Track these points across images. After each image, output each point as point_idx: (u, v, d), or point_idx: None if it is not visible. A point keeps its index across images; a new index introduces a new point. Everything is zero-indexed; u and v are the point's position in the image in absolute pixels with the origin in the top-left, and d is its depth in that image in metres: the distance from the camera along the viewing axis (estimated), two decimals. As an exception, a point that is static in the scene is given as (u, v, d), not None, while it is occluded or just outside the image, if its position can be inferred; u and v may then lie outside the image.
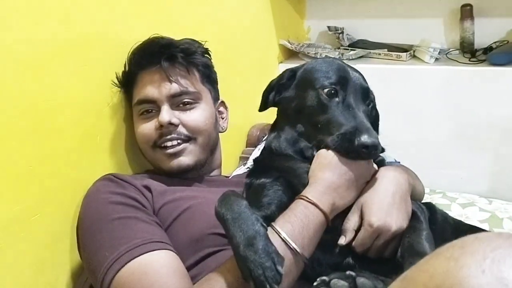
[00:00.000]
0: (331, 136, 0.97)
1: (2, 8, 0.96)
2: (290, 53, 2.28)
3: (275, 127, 1.13)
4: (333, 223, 0.95)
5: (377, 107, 1.16)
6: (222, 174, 1.37)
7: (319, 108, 1.01)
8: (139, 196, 1.06)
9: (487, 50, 1.92)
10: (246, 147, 1.85)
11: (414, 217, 0.99)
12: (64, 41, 1.10)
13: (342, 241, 0.96)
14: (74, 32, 1.13)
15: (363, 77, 1.09)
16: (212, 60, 1.33)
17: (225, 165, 1.44)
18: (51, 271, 1.09)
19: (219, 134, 1.34)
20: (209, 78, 1.30)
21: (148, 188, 1.10)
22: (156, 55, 1.19)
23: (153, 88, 1.18)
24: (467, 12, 1.95)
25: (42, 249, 1.06)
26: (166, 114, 1.17)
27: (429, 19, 2.08)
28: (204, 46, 1.31)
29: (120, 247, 0.93)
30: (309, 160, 1.00)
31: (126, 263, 0.90)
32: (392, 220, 0.95)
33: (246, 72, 1.92)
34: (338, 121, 0.98)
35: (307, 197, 0.93)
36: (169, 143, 1.18)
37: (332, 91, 1.01)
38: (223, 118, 1.37)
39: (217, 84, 1.34)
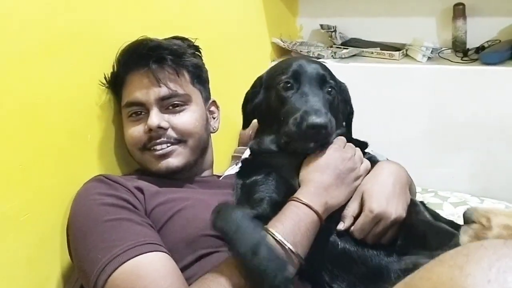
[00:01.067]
0: (287, 125, 1.03)
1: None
2: (282, 51, 2.27)
3: (257, 133, 1.20)
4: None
5: (370, 106, 1.19)
6: (214, 173, 1.36)
7: (280, 103, 1.09)
8: (131, 197, 1.05)
9: (479, 49, 1.93)
10: (238, 146, 1.84)
11: (412, 203, 1.05)
12: (54, 39, 1.08)
13: (341, 226, 1.01)
14: (64, 30, 1.11)
15: (323, 66, 1.15)
16: (202, 59, 1.31)
17: (217, 164, 1.43)
18: (41, 270, 1.07)
19: (211, 134, 1.32)
20: (200, 78, 1.28)
21: (140, 189, 1.09)
22: (144, 57, 1.17)
23: (141, 91, 1.17)
24: (459, 11, 1.95)
25: (32, 248, 1.04)
26: (155, 117, 1.15)
27: (422, 18, 2.08)
28: (195, 44, 1.29)
29: (113, 249, 0.91)
30: (293, 153, 1.06)
31: (119, 266, 0.89)
32: (392, 208, 0.99)
33: (238, 70, 1.91)
34: (292, 109, 1.05)
35: (298, 199, 0.96)
36: (158, 147, 1.16)
37: (288, 84, 1.09)
38: (214, 118, 1.35)
39: (208, 83, 1.33)
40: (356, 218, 1.01)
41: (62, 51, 1.10)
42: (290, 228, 0.90)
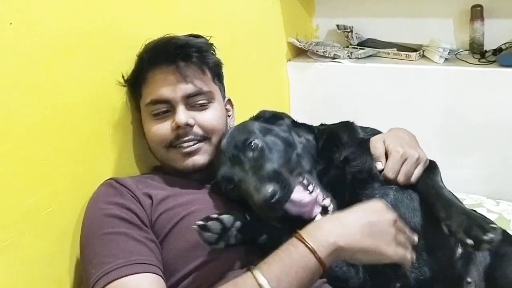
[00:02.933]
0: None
1: (15, 7, 0.97)
2: (298, 51, 2.28)
3: None
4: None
5: (386, 106, 1.22)
6: None
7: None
8: (135, 206, 1.05)
9: (497, 51, 1.91)
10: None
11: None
12: (76, 38, 1.11)
13: (380, 166, 1.10)
14: (86, 28, 1.13)
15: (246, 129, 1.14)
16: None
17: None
18: (61, 265, 1.10)
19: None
20: (219, 76, 1.29)
21: (149, 195, 1.09)
22: (172, 54, 1.17)
23: (168, 88, 1.16)
24: (477, 13, 1.94)
25: (53, 242, 1.07)
26: (183, 115, 1.15)
27: (439, 19, 2.07)
28: (210, 42, 1.29)
29: (104, 266, 0.94)
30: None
31: (108, 283, 0.91)
32: (414, 150, 1.11)
33: (254, 70, 1.92)
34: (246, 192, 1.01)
35: (300, 236, 0.87)
36: (185, 144, 1.16)
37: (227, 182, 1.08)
38: (229, 116, 1.35)
39: (223, 81, 1.34)
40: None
41: (83, 50, 1.12)
42: (277, 272, 0.84)
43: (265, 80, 2.05)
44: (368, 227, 0.88)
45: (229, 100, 1.37)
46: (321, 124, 1.31)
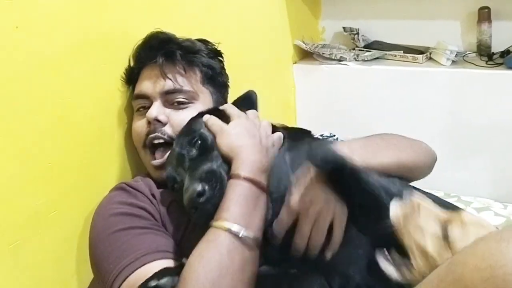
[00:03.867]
0: None
1: (21, 11, 0.97)
2: (304, 54, 2.27)
3: None
4: None
5: (392, 109, 1.17)
6: None
7: None
8: (148, 205, 1.05)
9: (504, 53, 1.91)
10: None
11: None
12: (82, 40, 1.11)
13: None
14: (92, 32, 1.14)
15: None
16: (224, 64, 1.28)
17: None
18: (67, 267, 1.10)
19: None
20: (212, 79, 1.23)
21: (154, 197, 1.08)
22: (155, 50, 1.17)
23: (148, 83, 1.15)
24: (484, 15, 1.93)
25: (60, 244, 1.07)
26: (155, 110, 1.12)
27: (446, 21, 2.06)
28: (216, 49, 1.28)
29: (125, 258, 0.93)
30: None
31: (130, 273, 0.91)
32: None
33: (261, 72, 1.92)
34: None
35: (236, 175, 0.90)
36: (157, 154, 1.12)
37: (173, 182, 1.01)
38: None
39: (225, 89, 1.28)
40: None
41: (89, 53, 1.13)
42: (238, 212, 0.86)
43: (271, 82, 2.04)
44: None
45: None
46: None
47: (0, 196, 0.94)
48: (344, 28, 2.24)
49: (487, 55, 1.95)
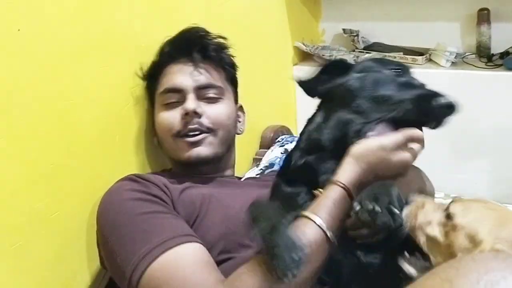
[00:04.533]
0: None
1: (23, 14, 0.98)
2: (304, 55, 2.28)
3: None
4: None
5: None
6: (235, 175, 1.38)
7: None
8: (162, 194, 1.05)
9: (504, 54, 1.92)
10: (260, 148, 1.86)
11: None
12: (84, 43, 1.12)
13: None
14: (94, 33, 1.14)
15: None
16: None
17: (239, 166, 1.44)
18: (69, 267, 1.10)
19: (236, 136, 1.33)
20: (233, 79, 1.31)
21: (167, 187, 1.09)
22: (188, 46, 1.22)
23: (181, 77, 1.19)
24: (484, 17, 1.94)
25: (61, 246, 1.07)
26: (192, 102, 1.17)
27: (446, 23, 2.07)
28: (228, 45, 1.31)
29: (151, 241, 0.92)
30: None
31: (158, 256, 0.90)
32: None
33: (261, 74, 1.92)
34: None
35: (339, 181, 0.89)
36: (191, 133, 1.17)
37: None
38: (240, 122, 1.36)
39: (237, 87, 1.35)
40: None
41: (91, 55, 1.13)
42: (331, 215, 0.86)
43: (271, 84, 2.05)
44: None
45: (240, 106, 1.37)
46: None
47: (1, 197, 0.94)
48: (344, 30, 2.25)
49: (486, 56, 1.96)
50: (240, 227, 0.99)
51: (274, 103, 2.06)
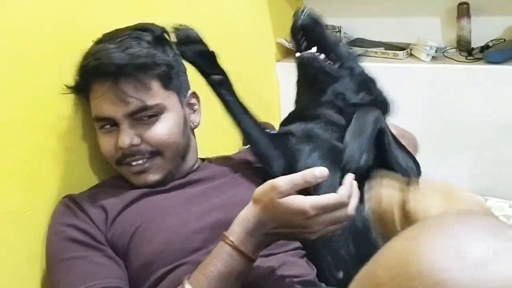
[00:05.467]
0: None
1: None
2: (287, 52, 2.28)
3: None
4: None
5: None
6: (199, 159, 1.28)
7: None
8: (89, 226, 1.04)
9: (484, 48, 1.93)
10: (243, 145, 1.85)
11: None
12: (58, 39, 1.11)
13: None
14: (69, 30, 1.14)
15: None
16: (172, 46, 1.17)
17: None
18: (43, 267, 1.09)
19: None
20: (171, 79, 1.14)
21: (104, 209, 1.07)
22: (110, 72, 1.05)
23: (108, 106, 1.07)
24: (463, 11, 1.95)
25: (36, 244, 1.07)
26: (125, 137, 1.06)
27: (426, 17, 2.08)
28: (161, 35, 1.15)
29: None
30: None
31: None
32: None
33: (243, 71, 1.91)
34: None
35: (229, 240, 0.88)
36: (134, 163, 1.10)
37: None
38: (194, 111, 1.23)
39: (184, 74, 1.20)
40: None
41: (64, 51, 1.13)
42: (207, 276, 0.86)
43: (254, 81, 2.05)
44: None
45: (193, 93, 1.23)
46: None
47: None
48: (326, 25, 2.25)
49: (466, 50, 1.96)
50: (186, 233, 1.01)
51: (257, 100, 2.05)
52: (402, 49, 2.05)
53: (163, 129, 1.10)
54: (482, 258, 0.40)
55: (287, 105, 2.23)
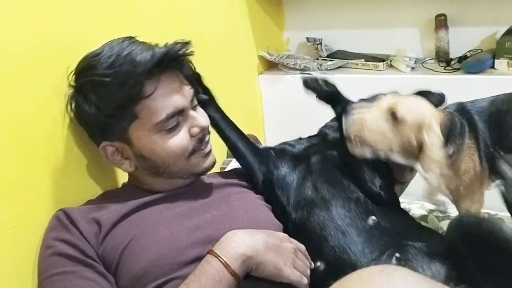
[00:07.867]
0: None
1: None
2: (269, 64, 2.30)
3: None
4: None
5: None
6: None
7: None
8: (81, 241, 1.03)
9: (462, 58, 1.97)
10: (227, 157, 1.86)
11: None
12: (39, 53, 1.10)
13: None
14: (50, 43, 1.13)
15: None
16: None
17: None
18: (29, 284, 1.07)
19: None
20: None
21: (97, 222, 1.06)
22: (163, 62, 1.04)
23: (178, 96, 1.07)
24: (441, 22, 1.99)
25: (19, 261, 1.05)
26: (201, 117, 1.12)
27: (405, 29, 2.12)
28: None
29: None
30: None
31: None
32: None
33: (226, 83, 1.93)
34: None
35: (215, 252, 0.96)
36: (204, 144, 1.15)
37: None
38: None
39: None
40: None
41: (47, 64, 1.12)
42: None
43: (237, 93, 2.06)
44: (272, 245, 0.99)
45: None
46: None
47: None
48: (307, 38, 2.28)
49: (445, 61, 2.01)
50: (177, 248, 1.02)
51: (241, 112, 2.06)
52: (382, 60, 2.08)
53: (203, 111, 1.18)
54: None
55: (270, 115, 2.26)
